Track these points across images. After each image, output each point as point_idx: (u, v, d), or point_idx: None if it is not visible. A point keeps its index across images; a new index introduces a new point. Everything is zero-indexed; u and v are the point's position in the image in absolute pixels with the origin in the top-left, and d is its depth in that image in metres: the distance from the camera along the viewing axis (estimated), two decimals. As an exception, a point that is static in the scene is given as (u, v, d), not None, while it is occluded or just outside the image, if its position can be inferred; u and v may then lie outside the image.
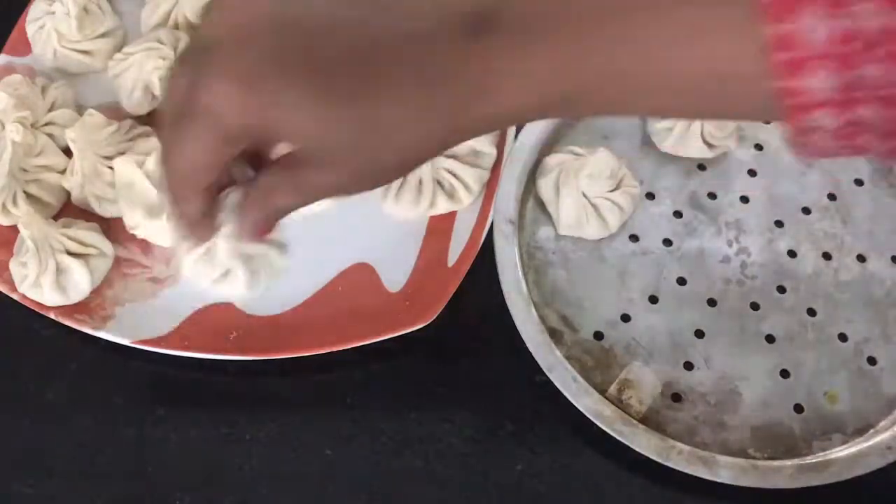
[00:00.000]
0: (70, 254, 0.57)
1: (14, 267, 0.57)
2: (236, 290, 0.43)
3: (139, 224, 0.59)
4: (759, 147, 0.63)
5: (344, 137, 0.35)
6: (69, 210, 0.62)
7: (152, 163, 0.58)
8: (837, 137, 0.33)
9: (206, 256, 0.42)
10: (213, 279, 0.43)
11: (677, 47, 0.33)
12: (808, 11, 0.30)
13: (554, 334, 0.56)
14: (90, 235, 0.58)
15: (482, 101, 0.35)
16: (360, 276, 0.60)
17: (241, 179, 0.40)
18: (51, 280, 0.56)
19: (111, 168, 0.60)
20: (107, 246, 0.59)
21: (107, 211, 0.61)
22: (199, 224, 0.40)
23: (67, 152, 0.61)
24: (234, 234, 0.40)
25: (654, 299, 0.58)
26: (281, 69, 0.34)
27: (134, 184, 0.59)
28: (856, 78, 0.31)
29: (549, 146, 0.62)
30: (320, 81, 0.34)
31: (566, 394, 0.54)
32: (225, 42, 0.35)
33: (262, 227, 0.41)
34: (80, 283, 0.57)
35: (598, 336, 0.57)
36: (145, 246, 0.61)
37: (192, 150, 0.37)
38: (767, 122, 0.34)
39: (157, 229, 0.59)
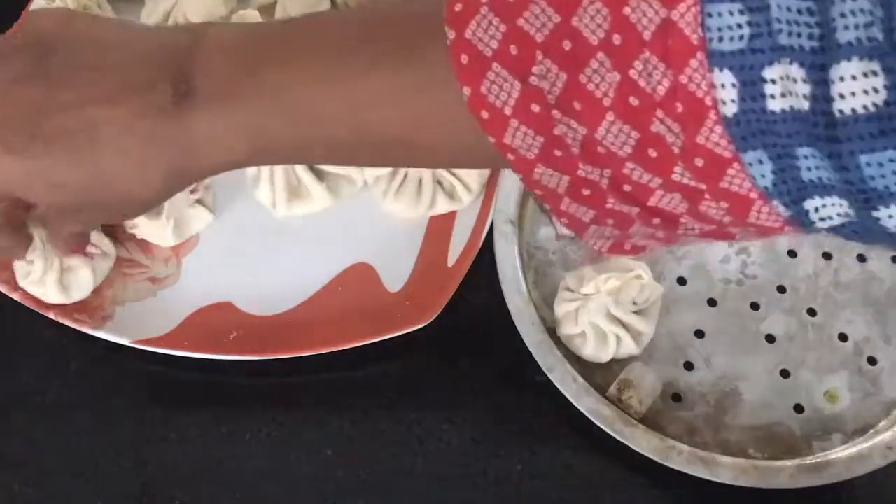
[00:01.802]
0: None
1: (18, 263, 0.57)
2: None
3: (139, 224, 0.59)
4: (759, 147, 0.63)
5: (76, 196, 0.40)
6: (69, 210, 0.62)
7: None
8: (578, 200, 0.34)
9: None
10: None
11: (368, 111, 0.36)
12: (490, 73, 0.32)
13: (554, 334, 0.56)
14: (93, 235, 0.58)
15: (191, 157, 0.39)
16: (360, 276, 0.60)
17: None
18: (55, 278, 0.56)
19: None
20: (108, 246, 0.59)
21: (107, 211, 0.61)
22: (7, 248, 0.46)
23: (67, 152, 0.61)
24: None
25: (654, 299, 0.58)
26: (3, 145, 0.39)
27: None
28: (553, 136, 0.32)
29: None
30: (39, 152, 0.38)
31: (566, 394, 0.54)
32: None
33: (74, 248, 0.49)
34: (83, 282, 0.57)
35: (598, 336, 0.57)
36: (145, 246, 0.61)
37: None
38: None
39: (156, 229, 0.59)
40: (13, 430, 0.57)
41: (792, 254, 0.60)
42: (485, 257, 0.58)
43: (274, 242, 0.61)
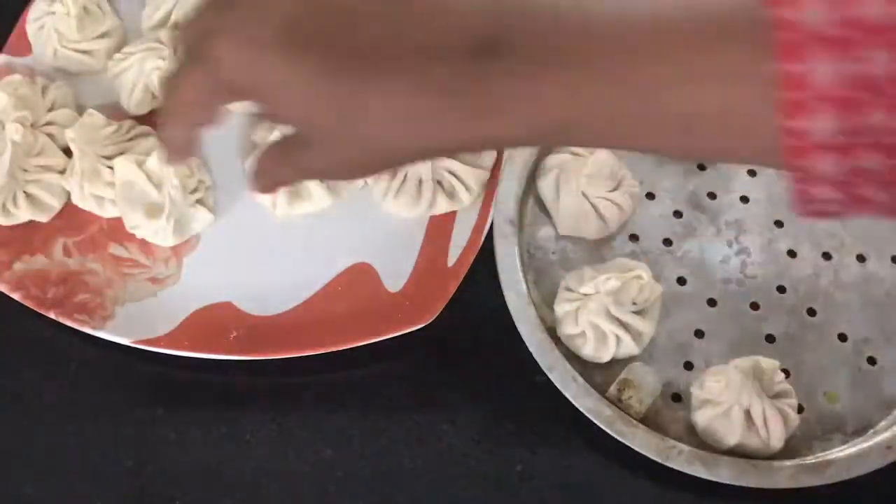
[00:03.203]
0: None
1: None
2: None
3: (139, 224, 0.59)
4: (759, 147, 0.63)
5: (328, 120, 0.37)
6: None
7: (153, 162, 0.58)
8: (838, 188, 0.33)
9: None
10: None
11: (680, 89, 0.34)
12: (819, 53, 0.31)
13: (554, 334, 0.56)
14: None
15: (479, 121, 0.36)
16: (360, 276, 0.60)
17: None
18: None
19: (111, 168, 0.60)
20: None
21: (107, 211, 0.61)
22: (177, 151, 0.44)
23: (67, 152, 0.61)
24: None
25: (654, 299, 0.58)
26: (288, 43, 0.36)
27: (134, 184, 0.59)
28: (860, 124, 0.31)
29: (548, 146, 0.62)
30: (321, 63, 0.36)
31: (566, 394, 0.54)
32: (247, 2, 0.38)
33: (269, 190, 0.48)
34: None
35: (598, 336, 0.57)
36: (145, 246, 0.61)
37: (186, 89, 0.40)
38: (773, 168, 0.35)
39: (157, 229, 0.59)
40: (13, 430, 0.57)
41: (792, 254, 0.60)
42: (485, 257, 0.58)
43: (274, 242, 0.61)
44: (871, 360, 0.57)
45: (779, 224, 0.61)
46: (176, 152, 0.44)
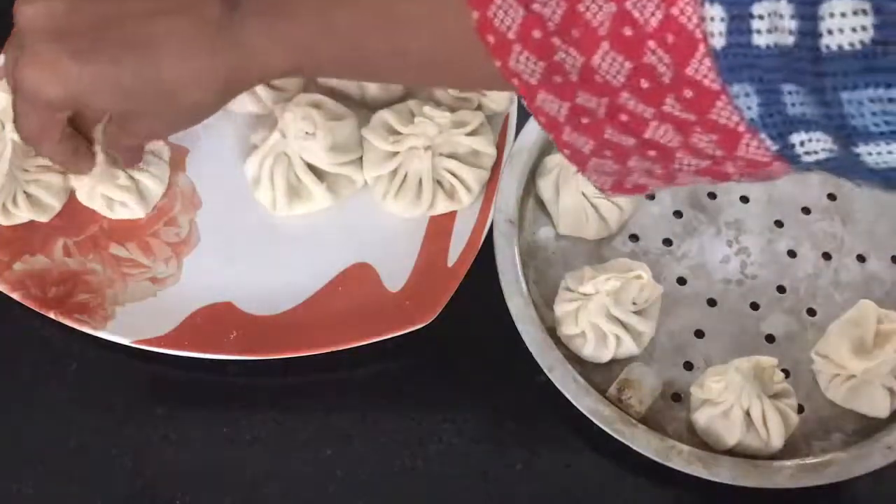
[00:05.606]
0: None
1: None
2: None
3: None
4: (759, 147, 0.63)
5: (139, 102, 0.45)
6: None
7: None
8: (578, 129, 0.36)
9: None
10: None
11: (399, 32, 0.41)
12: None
13: (554, 334, 0.56)
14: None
15: (244, 66, 0.44)
16: (360, 276, 0.60)
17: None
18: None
19: (123, 170, 0.59)
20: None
21: (116, 213, 0.61)
22: (74, 160, 0.51)
23: (67, 152, 0.61)
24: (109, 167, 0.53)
25: (654, 299, 0.58)
26: (75, 54, 0.44)
27: None
28: (554, 63, 0.34)
29: (549, 146, 0.62)
30: (107, 60, 0.44)
31: (566, 394, 0.54)
32: (32, 32, 0.44)
33: (129, 161, 0.56)
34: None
35: (598, 336, 0.57)
36: (145, 246, 0.61)
37: (26, 120, 0.48)
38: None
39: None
40: (13, 430, 0.57)
41: (792, 254, 0.60)
42: (485, 257, 0.58)
43: (274, 242, 0.61)
44: (871, 360, 0.57)
45: (779, 224, 0.61)
46: (74, 163, 0.51)
